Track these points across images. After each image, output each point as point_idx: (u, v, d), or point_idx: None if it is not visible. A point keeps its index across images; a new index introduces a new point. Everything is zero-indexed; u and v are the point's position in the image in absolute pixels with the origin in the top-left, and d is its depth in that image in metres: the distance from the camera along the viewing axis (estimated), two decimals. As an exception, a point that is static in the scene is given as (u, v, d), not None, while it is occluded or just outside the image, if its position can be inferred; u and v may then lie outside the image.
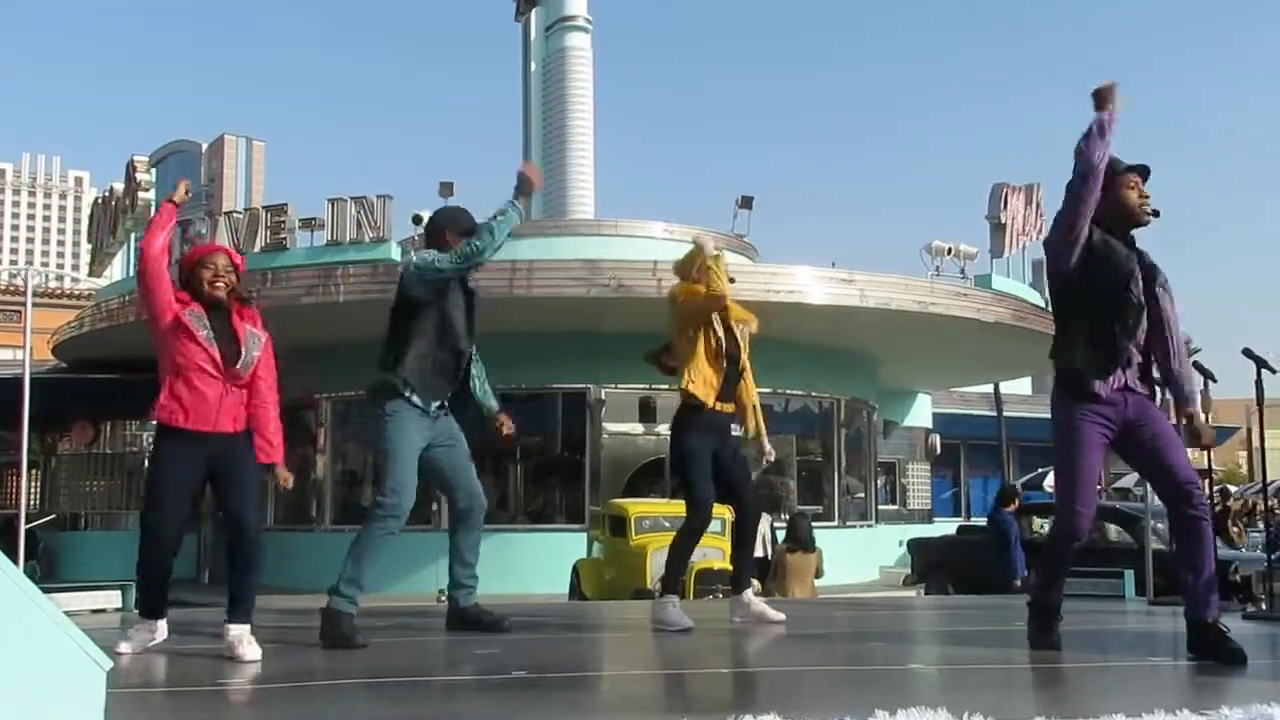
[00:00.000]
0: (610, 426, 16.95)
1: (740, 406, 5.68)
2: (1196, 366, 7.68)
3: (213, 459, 4.29)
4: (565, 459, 17.38)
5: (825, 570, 11.81)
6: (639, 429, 17.07)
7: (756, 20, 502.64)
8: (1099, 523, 12.23)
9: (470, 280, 5.20)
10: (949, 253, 19.64)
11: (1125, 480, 22.60)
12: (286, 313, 14.23)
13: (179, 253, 7.10)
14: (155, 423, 4.33)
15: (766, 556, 12.01)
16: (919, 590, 14.96)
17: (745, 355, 5.59)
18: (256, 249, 16.97)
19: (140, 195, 21.97)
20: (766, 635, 5.41)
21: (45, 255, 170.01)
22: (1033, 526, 13.43)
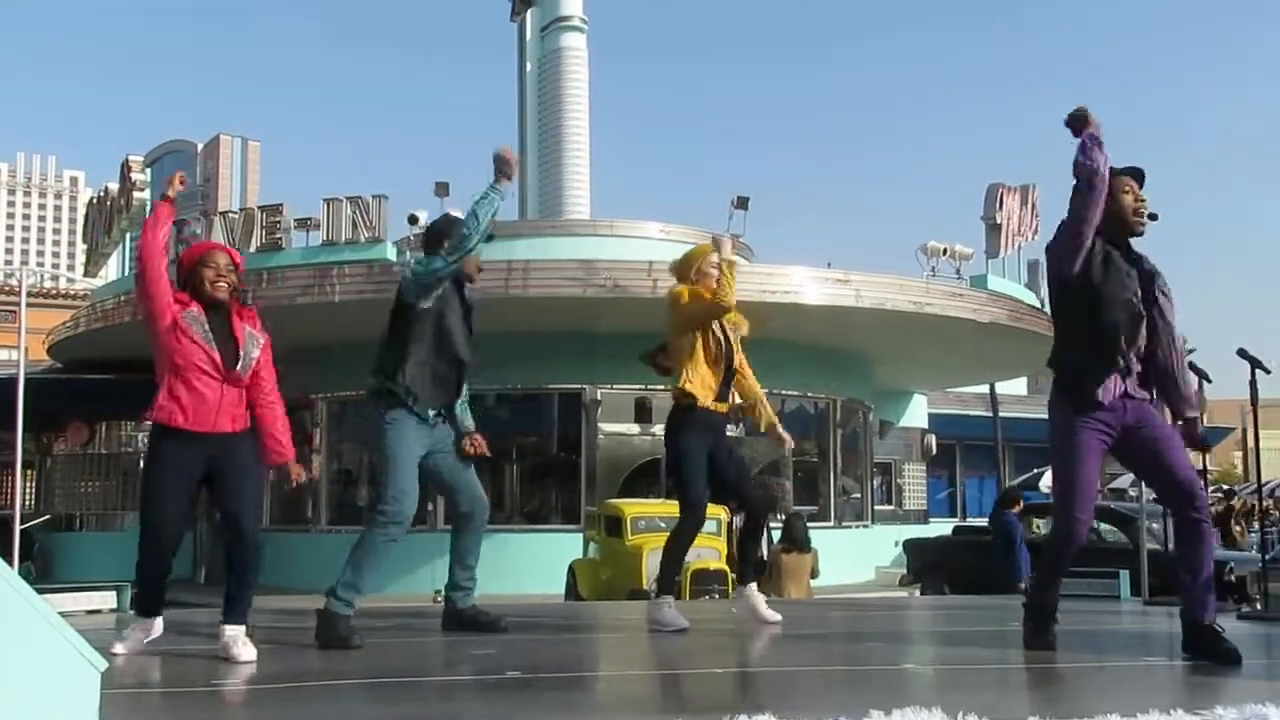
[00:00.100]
0: (606, 427, 16.96)
1: (748, 402, 5.71)
2: (1192, 367, 7.67)
3: (211, 459, 4.28)
4: (561, 459, 17.38)
5: (821, 570, 11.82)
6: (635, 429, 17.08)
7: (753, 21, 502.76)
8: (1094, 523, 12.25)
9: (468, 291, 5.20)
10: (944, 253, 19.62)
11: (1121, 481, 22.62)
12: (282, 313, 14.20)
13: (174, 252, 7.05)
14: (152, 423, 4.29)
15: (762, 557, 12.03)
16: (910, 591, 14.98)
17: (739, 356, 5.61)
18: (252, 249, 16.92)
19: (135, 195, 21.92)
20: (762, 636, 5.41)
21: (40, 255, 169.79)
22: (1032, 527, 13.45)
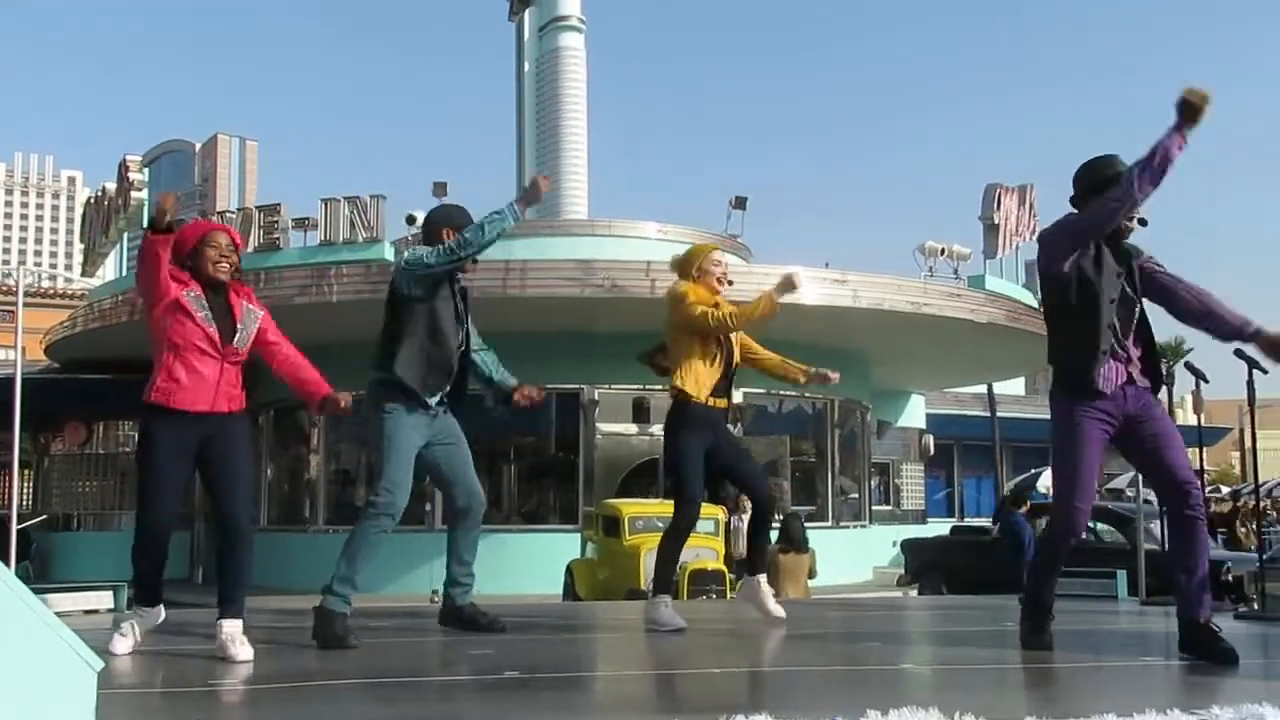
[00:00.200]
0: (604, 427, 16.96)
1: (777, 373, 5.72)
2: (1189, 367, 7.70)
3: (206, 440, 4.25)
4: (559, 459, 17.38)
5: (818, 571, 11.82)
6: (633, 429, 17.08)
7: (752, 21, 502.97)
8: (1092, 523, 12.26)
9: (459, 279, 5.18)
10: (942, 253, 19.64)
11: (1118, 481, 22.65)
12: (280, 313, 13.89)
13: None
14: (148, 405, 4.21)
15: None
16: (906, 591, 14.97)
17: (744, 341, 5.61)
18: (250, 249, 16.88)
19: (133, 195, 21.89)
20: (759, 636, 5.41)
21: (38, 255, 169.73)
22: (1037, 528, 13.45)
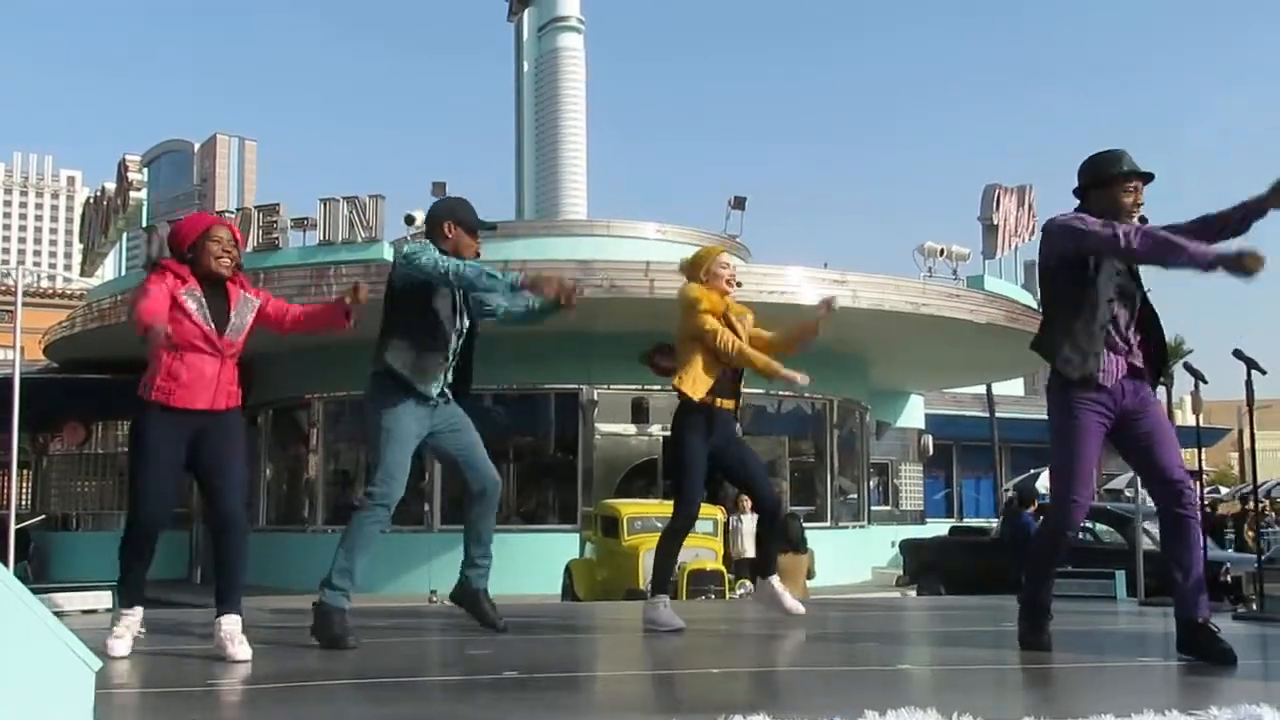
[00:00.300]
0: (603, 427, 16.97)
1: (787, 340, 5.59)
2: (1187, 368, 7.70)
3: (201, 435, 4.24)
4: (558, 459, 17.40)
5: (817, 571, 11.84)
6: (631, 429, 17.09)
7: (752, 21, 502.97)
8: (1090, 523, 12.26)
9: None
10: (941, 254, 19.63)
11: (1117, 481, 22.67)
12: (279, 313, 14.15)
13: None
14: (147, 400, 4.19)
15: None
16: (905, 591, 14.98)
17: (750, 331, 5.54)
18: (249, 249, 16.90)
19: (132, 195, 21.91)
20: (757, 636, 5.41)
21: (37, 255, 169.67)
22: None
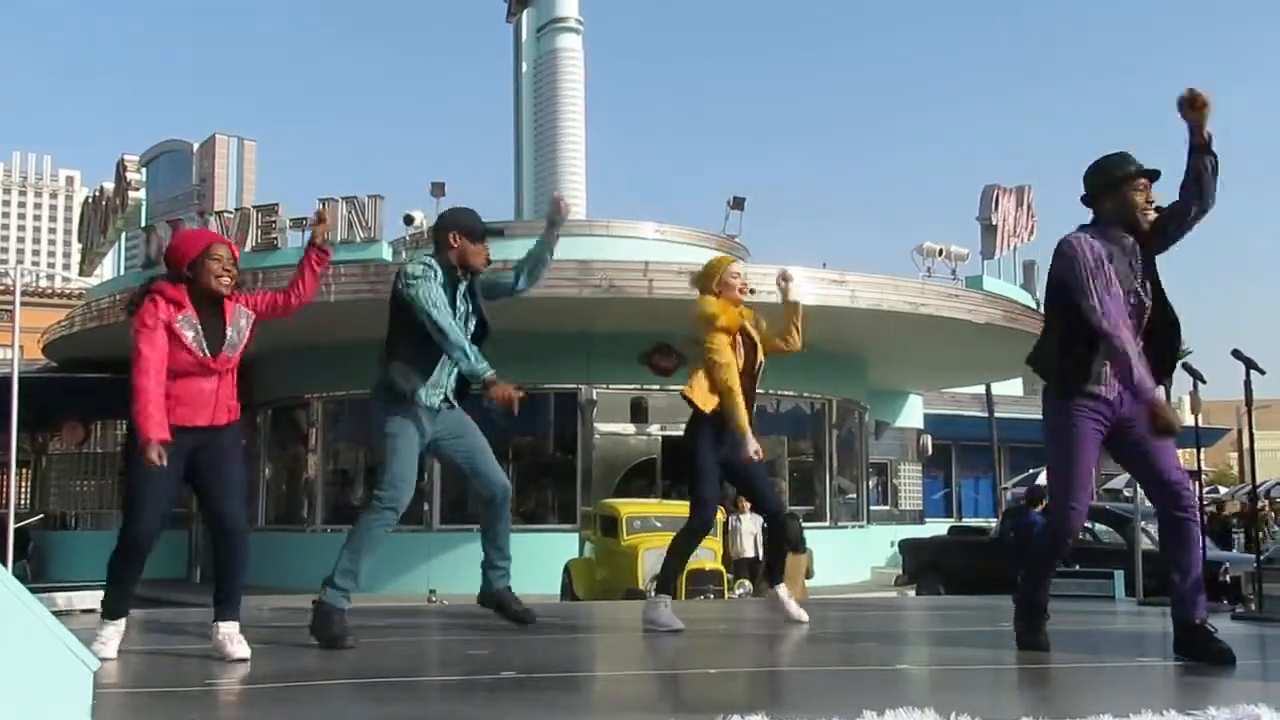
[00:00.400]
0: (602, 427, 16.96)
1: (783, 328, 5.66)
2: (1186, 368, 7.69)
3: (198, 450, 4.24)
4: (557, 459, 17.39)
5: (815, 571, 11.84)
6: (630, 429, 17.08)
7: (752, 21, 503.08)
8: (1089, 523, 12.27)
9: (468, 276, 5.13)
10: (940, 254, 19.61)
11: (1116, 481, 22.67)
12: (278, 313, 14.14)
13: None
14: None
15: (757, 557, 12.05)
16: (904, 591, 14.98)
17: (761, 358, 5.52)
18: (248, 249, 16.87)
19: (130, 195, 21.88)
20: (756, 636, 5.41)
21: (35, 254, 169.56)
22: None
